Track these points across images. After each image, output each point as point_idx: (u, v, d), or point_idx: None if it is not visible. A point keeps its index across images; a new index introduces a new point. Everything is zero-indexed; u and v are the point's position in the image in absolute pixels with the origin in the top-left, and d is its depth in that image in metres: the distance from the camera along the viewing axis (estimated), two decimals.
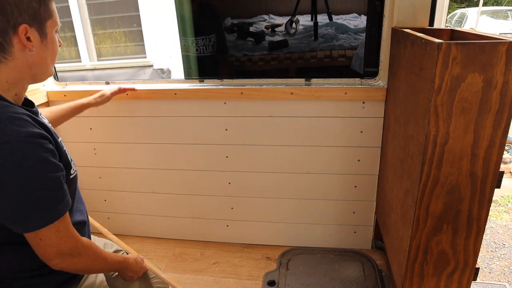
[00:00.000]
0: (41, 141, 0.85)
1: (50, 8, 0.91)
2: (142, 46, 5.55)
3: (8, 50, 0.87)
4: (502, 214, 3.04)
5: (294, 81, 1.75)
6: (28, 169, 0.82)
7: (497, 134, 0.99)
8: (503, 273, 2.29)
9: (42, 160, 0.85)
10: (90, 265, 1.02)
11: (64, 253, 0.93)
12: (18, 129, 0.82)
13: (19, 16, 0.85)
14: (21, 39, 0.87)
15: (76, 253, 0.96)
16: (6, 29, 0.84)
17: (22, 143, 0.81)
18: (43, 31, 0.90)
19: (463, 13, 9.56)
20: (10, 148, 0.80)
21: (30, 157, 0.82)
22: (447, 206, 1.09)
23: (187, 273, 1.87)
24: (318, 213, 1.94)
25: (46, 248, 0.90)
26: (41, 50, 0.91)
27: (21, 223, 0.85)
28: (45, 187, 0.86)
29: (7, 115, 0.83)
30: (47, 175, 0.86)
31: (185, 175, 1.97)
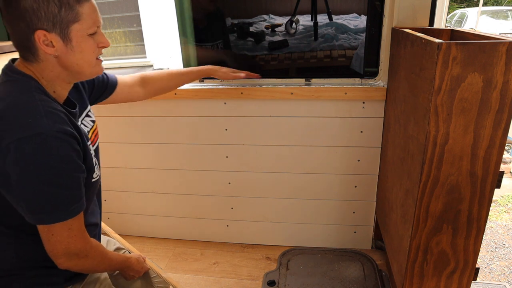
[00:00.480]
0: (70, 140, 0.88)
1: (76, 11, 0.90)
2: (142, 46, 5.55)
3: (35, 53, 0.91)
4: (502, 214, 3.04)
5: (294, 81, 1.75)
6: (53, 164, 0.85)
7: (497, 134, 0.99)
8: (503, 273, 2.29)
9: (68, 157, 0.88)
10: (95, 266, 1.05)
11: (71, 252, 0.95)
12: (52, 123, 0.85)
13: (38, 22, 0.87)
14: (40, 45, 0.89)
15: (84, 254, 0.98)
16: (28, 34, 0.88)
17: (53, 138, 0.84)
18: (66, 35, 0.90)
19: (463, 13, 9.56)
20: (41, 140, 0.83)
21: (57, 152, 0.85)
22: (447, 206, 1.09)
23: (187, 273, 1.87)
24: (318, 213, 1.94)
25: (56, 244, 0.92)
26: (67, 54, 0.92)
27: (36, 214, 0.88)
28: (65, 184, 0.89)
29: (46, 109, 0.87)
30: (69, 173, 0.89)
31: (185, 175, 1.97)
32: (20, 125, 0.84)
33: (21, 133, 0.83)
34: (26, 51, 0.91)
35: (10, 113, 0.86)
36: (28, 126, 0.84)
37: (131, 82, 1.40)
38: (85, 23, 0.92)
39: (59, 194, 0.89)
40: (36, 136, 0.83)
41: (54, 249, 0.93)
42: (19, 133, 0.83)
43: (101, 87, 1.28)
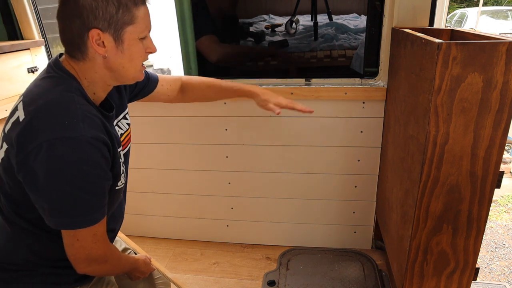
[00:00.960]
0: (102, 147, 0.88)
1: (132, 13, 0.90)
2: None
3: (84, 51, 0.90)
4: (502, 214, 3.04)
5: (294, 81, 1.75)
6: (82, 168, 0.85)
7: (497, 134, 0.99)
8: (503, 273, 2.29)
9: (97, 164, 0.87)
10: (110, 271, 1.07)
11: (93, 258, 0.95)
12: (88, 129, 0.85)
13: (94, 20, 0.87)
14: (92, 44, 0.89)
15: (104, 260, 0.98)
16: (82, 32, 0.88)
17: (86, 143, 0.84)
18: (119, 37, 0.90)
19: (463, 13, 9.56)
20: (74, 144, 0.83)
21: (88, 158, 0.85)
22: (447, 206, 1.09)
23: (187, 273, 1.87)
24: (318, 213, 1.94)
25: (79, 249, 0.92)
26: (116, 56, 0.92)
27: (58, 217, 0.88)
28: (92, 190, 0.88)
29: (83, 113, 0.87)
30: (96, 180, 0.89)
31: (185, 175, 1.97)
32: (56, 126, 0.84)
33: (56, 134, 0.83)
34: (75, 48, 0.91)
35: (48, 112, 0.86)
36: (64, 128, 0.83)
37: (172, 85, 1.38)
38: (139, 26, 0.92)
39: (85, 199, 0.88)
40: (70, 139, 0.83)
41: (76, 253, 0.93)
42: (54, 133, 0.83)
43: (142, 85, 1.28)
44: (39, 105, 0.87)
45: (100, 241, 0.95)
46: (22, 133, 0.85)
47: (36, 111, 0.86)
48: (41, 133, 0.83)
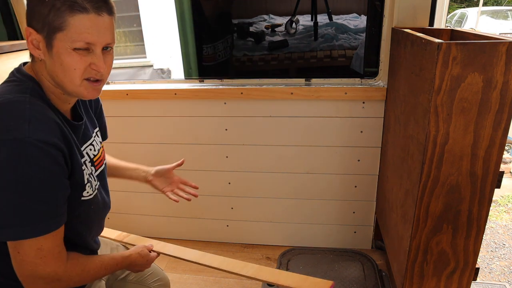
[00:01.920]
0: (53, 152, 0.79)
1: (64, 19, 0.80)
2: (142, 46, 5.55)
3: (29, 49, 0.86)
4: (502, 214, 3.04)
5: (294, 81, 1.75)
6: (28, 173, 0.77)
7: (497, 134, 0.99)
8: (503, 273, 2.29)
9: (46, 170, 0.79)
10: (77, 284, 0.93)
11: (38, 276, 0.84)
12: (33, 131, 0.77)
13: (31, 19, 0.82)
14: (28, 44, 0.84)
15: (54, 279, 0.86)
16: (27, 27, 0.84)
17: (32, 147, 0.76)
18: (50, 41, 0.82)
19: (463, 13, 9.56)
20: (18, 147, 0.76)
21: (35, 162, 0.77)
22: (447, 206, 1.09)
23: (187, 273, 1.87)
24: (318, 213, 1.94)
25: (22, 264, 0.82)
26: (49, 62, 0.84)
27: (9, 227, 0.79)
28: (39, 198, 0.79)
29: (32, 114, 0.79)
30: (45, 187, 0.80)
31: (185, 175, 1.96)
32: (0, 128, 0.77)
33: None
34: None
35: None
36: (8, 130, 0.76)
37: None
38: (70, 35, 0.81)
39: (30, 208, 0.79)
40: (14, 141, 0.75)
41: (19, 268, 0.83)
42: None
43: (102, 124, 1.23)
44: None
45: (47, 257, 0.83)
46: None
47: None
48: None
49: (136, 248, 1.20)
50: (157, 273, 1.38)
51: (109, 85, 1.91)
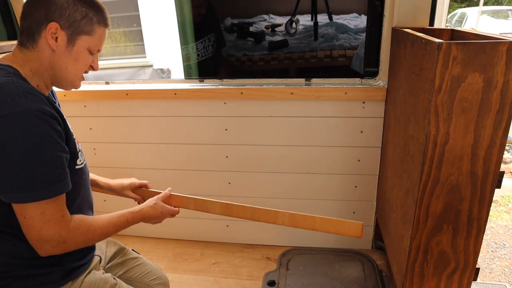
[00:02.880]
0: (50, 120, 0.88)
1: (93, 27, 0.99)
2: (142, 46, 5.55)
3: (36, 40, 0.95)
4: (502, 214, 3.03)
5: (294, 81, 1.75)
6: (31, 142, 0.84)
7: (497, 134, 0.99)
8: (503, 273, 2.29)
9: (47, 136, 0.87)
10: (84, 244, 1.01)
11: (44, 239, 0.91)
12: (31, 103, 0.86)
13: (58, 17, 0.94)
14: (47, 35, 0.94)
15: (60, 241, 0.93)
16: (42, 22, 0.94)
17: (32, 117, 0.85)
18: (72, 40, 0.97)
19: (463, 13, 9.56)
20: (19, 119, 0.84)
21: (36, 131, 0.85)
22: (447, 206, 1.09)
23: (187, 273, 1.87)
24: (318, 213, 1.92)
25: (29, 229, 0.90)
26: (63, 55, 0.98)
27: (10, 192, 0.86)
28: (44, 163, 0.87)
29: (24, 89, 0.88)
30: (49, 152, 0.87)
31: (185, 175, 1.97)
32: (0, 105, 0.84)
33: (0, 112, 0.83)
34: (29, 36, 0.95)
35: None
36: (6, 105, 0.84)
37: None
38: (93, 40, 1.00)
39: (37, 171, 0.86)
40: (14, 114, 0.83)
41: (27, 233, 0.90)
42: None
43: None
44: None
45: (50, 221, 0.90)
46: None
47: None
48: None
49: (148, 202, 1.27)
50: (156, 272, 1.41)
51: (109, 85, 1.91)
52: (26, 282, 1.00)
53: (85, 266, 1.12)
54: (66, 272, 1.06)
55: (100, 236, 1.05)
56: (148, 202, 1.26)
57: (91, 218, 1.04)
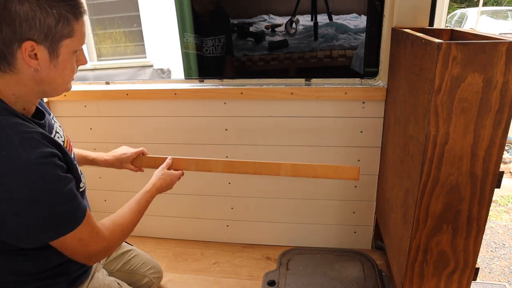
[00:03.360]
0: (52, 160, 0.85)
1: (72, 27, 0.85)
2: (142, 46, 5.55)
3: (12, 62, 0.83)
4: (502, 214, 3.04)
5: (294, 81, 1.75)
6: (41, 189, 0.83)
7: (497, 134, 0.99)
8: (503, 273, 2.29)
9: (55, 176, 0.85)
10: (123, 240, 1.10)
11: (91, 255, 0.96)
12: (30, 151, 0.82)
13: (28, 31, 0.80)
14: (24, 56, 0.82)
15: (104, 250, 0.99)
16: (11, 42, 0.80)
17: (36, 165, 0.81)
18: (54, 50, 0.85)
19: (463, 13, 9.56)
20: (25, 171, 0.81)
21: (44, 177, 0.83)
22: (447, 206, 1.09)
23: (187, 273, 1.87)
24: (318, 213, 1.94)
25: (75, 255, 0.94)
26: (49, 70, 0.87)
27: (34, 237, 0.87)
28: (58, 203, 0.87)
29: (19, 137, 0.82)
30: (59, 191, 0.86)
31: (185, 175, 1.96)
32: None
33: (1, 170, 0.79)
34: (1, 59, 0.82)
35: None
36: (6, 161, 0.80)
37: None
38: (76, 40, 0.88)
39: (56, 212, 0.87)
40: (19, 168, 0.80)
41: (75, 258, 0.95)
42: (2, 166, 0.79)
43: None
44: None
45: (90, 242, 0.94)
46: None
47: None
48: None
49: (156, 174, 1.32)
50: (149, 262, 1.51)
51: (109, 85, 1.91)
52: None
53: (88, 272, 1.15)
54: (71, 281, 1.07)
55: (132, 227, 1.12)
56: (156, 175, 1.31)
57: (118, 217, 1.08)
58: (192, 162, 1.42)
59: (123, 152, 1.43)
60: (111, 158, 1.41)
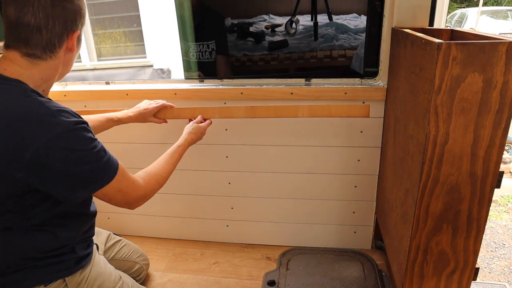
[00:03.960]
0: (85, 126, 1.00)
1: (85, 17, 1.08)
2: (142, 46, 5.54)
3: (56, 51, 1.00)
4: (502, 214, 3.04)
5: (294, 81, 1.75)
6: (84, 147, 0.97)
7: (497, 134, 0.99)
8: (503, 273, 2.29)
9: (91, 138, 1.00)
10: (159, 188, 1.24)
11: (131, 202, 1.13)
12: (67, 119, 0.95)
13: (75, 24, 1.01)
14: (70, 43, 1.02)
15: (142, 197, 1.15)
16: (63, 34, 0.99)
17: (75, 130, 0.96)
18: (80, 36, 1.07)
19: (463, 13, 9.57)
20: (68, 134, 0.94)
21: (84, 138, 0.98)
22: (447, 206, 1.09)
23: (187, 273, 1.87)
24: (318, 213, 1.94)
25: (118, 203, 1.11)
26: (75, 52, 1.07)
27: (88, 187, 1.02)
28: (99, 157, 1.01)
29: (56, 109, 0.96)
30: (97, 148, 1.01)
31: (185, 175, 1.97)
32: (42, 129, 0.92)
33: (47, 136, 0.91)
34: (48, 49, 0.98)
35: (27, 121, 0.92)
36: (48, 128, 0.92)
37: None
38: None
39: (98, 167, 1.01)
40: (62, 134, 0.93)
41: (119, 206, 1.11)
42: (45, 136, 0.91)
43: None
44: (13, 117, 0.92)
45: (129, 191, 1.10)
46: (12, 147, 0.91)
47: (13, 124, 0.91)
48: (32, 141, 0.91)
49: (187, 129, 1.51)
50: (138, 250, 1.70)
51: (109, 85, 1.91)
52: (44, 270, 1.10)
53: (91, 255, 1.25)
54: (78, 260, 1.19)
55: (165, 177, 1.28)
56: (187, 130, 1.50)
57: (151, 168, 1.26)
58: (216, 110, 1.58)
59: (145, 106, 1.60)
60: (135, 114, 1.58)
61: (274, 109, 1.55)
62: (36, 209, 1.02)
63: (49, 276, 1.11)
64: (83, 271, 1.20)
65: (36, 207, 1.02)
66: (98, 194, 1.05)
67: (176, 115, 1.63)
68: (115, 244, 1.60)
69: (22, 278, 1.08)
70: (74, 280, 1.17)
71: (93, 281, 1.23)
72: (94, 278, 1.24)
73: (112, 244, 1.59)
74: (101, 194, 1.05)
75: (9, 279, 1.07)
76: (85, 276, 1.21)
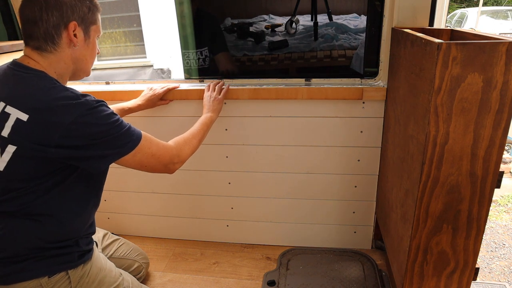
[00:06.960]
0: (105, 103, 1.11)
1: (96, 16, 1.16)
2: (142, 46, 5.55)
3: (57, 42, 1.08)
4: (502, 214, 3.04)
5: (294, 81, 1.75)
6: (106, 121, 1.07)
7: (497, 134, 0.99)
8: (503, 273, 2.29)
9: (112, 113, 1.10)
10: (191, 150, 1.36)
11: (167, 164, 1.23)
12: (89, 99, 1.07)
13: (72, 15, 1.08)
14: (69, 34, 1.09)
15: (175, 158, 1.26)
16: (59, 24, 1.07)
17: (98, 107, 1.07)
18: (87, 32, 1.14)
19: (463, 13, 9.57)
20: (93, 111, 1.05)
21: (106, 113, 1.08)
22: (447, 206, 1.09)
23: (187, 273, 1.87)
24: (318, 213, 1.94)
25: (153, 168, 1.21)
26: (83, 48, 1.14)
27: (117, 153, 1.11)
28: (123, 126, 1.12)
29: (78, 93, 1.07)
30: (119, 120, 1.11)
31: (185, 175, 1.97)
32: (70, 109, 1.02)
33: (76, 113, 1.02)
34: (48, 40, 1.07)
35: (57, 104, 1.02)
36: (77, 108, 1.03)
37: None
38: (98, 28, 1.18)
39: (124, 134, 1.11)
40: (88, 111, 1.04)
41: (155, 171, 1.23)
42: (74, 114, 1.02)
43: None
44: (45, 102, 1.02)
45: (161, 154, 1.20)
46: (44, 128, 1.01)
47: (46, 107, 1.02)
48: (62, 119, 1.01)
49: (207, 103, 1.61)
50: (137, 249, 1.73)
51: (109, 85, 1.91)
52: (49, 261, 1.14)
53: (92, 251, 1.29)
54: (81, 254, 1.23)
55: (197, 143, 1.41)
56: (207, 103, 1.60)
57: (180, 136, 1.38)
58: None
59: (151, 93, 1.71)
60: (144, 102, 1.70)
61: (275, 91, 1.68)
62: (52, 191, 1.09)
63: (53, 267, 1.15)
64: (84, 266, 1.24)
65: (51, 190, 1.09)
66: (133, 163, 1.15)
67: (184, 96, 1.77)
68: (112, 243, 1.64)
69: (28, 268, 1.11)
70: (76, 274, 1.20)
71: (94, 276, 1.27)
72: (95, 273, 1.27)
73: (110, 242, 1.63)
74: (137, 163, 1.15)
75: (16, 268, 1.10)
76: (86, 270, 1.24)
